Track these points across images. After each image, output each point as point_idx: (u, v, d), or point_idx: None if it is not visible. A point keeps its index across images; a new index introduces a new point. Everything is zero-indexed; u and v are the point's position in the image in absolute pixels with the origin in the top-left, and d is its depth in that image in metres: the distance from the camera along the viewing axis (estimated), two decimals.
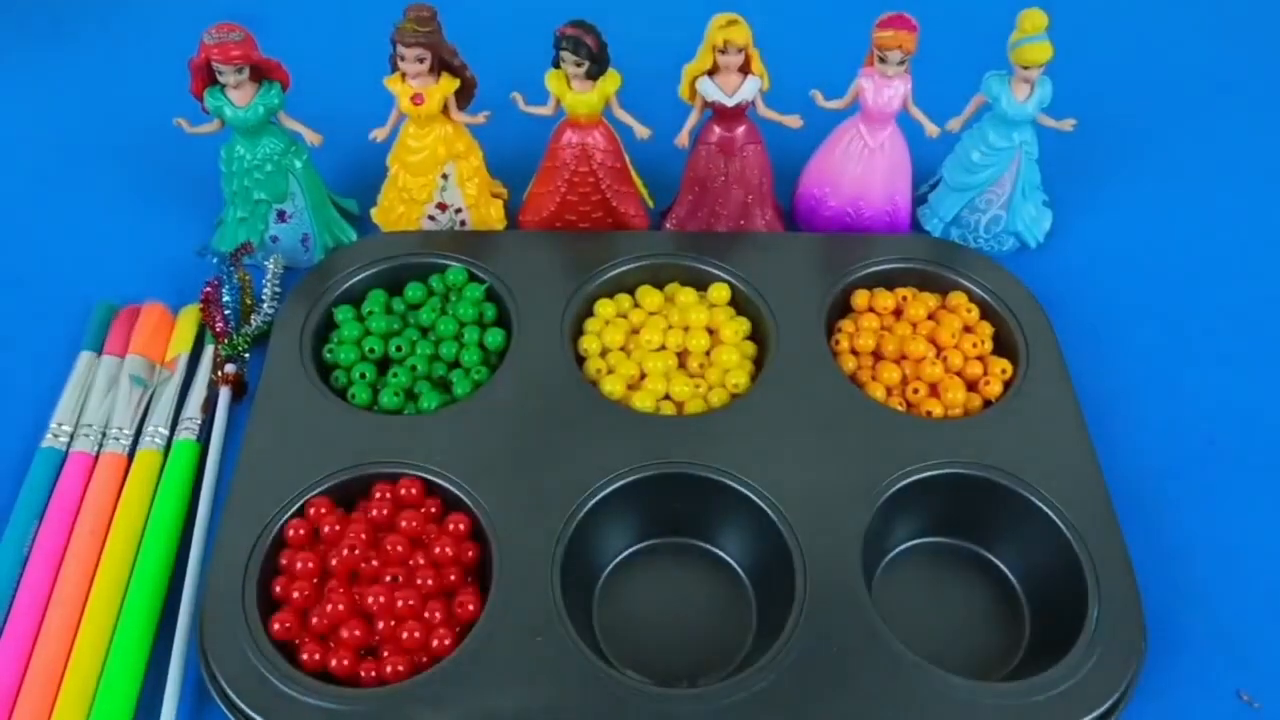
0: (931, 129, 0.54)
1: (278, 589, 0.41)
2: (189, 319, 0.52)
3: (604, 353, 0.50)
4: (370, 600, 0.40)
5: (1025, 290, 0.52)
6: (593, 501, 0.43)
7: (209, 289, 0.52)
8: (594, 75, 0.50)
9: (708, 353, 0.50)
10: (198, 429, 0.48)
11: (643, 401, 0.48)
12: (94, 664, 0.40)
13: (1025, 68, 0.50)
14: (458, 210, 0.55)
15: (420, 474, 0.44)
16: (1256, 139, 0.65)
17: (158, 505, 0.45)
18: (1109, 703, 0.38)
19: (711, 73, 0.51)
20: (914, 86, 0.52)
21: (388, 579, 0.41)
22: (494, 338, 0.50)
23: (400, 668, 0.39)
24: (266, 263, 0.53)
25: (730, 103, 0.51)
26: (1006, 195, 0.55)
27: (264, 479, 0.44)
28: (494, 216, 0.56)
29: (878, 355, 0.51)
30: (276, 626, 0.39)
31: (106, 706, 0.39)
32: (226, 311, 0.51)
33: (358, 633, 0.40)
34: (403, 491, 0.43)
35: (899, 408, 0.48)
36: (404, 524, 0.42)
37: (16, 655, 0.40)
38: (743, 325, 0.51)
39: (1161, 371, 0.52)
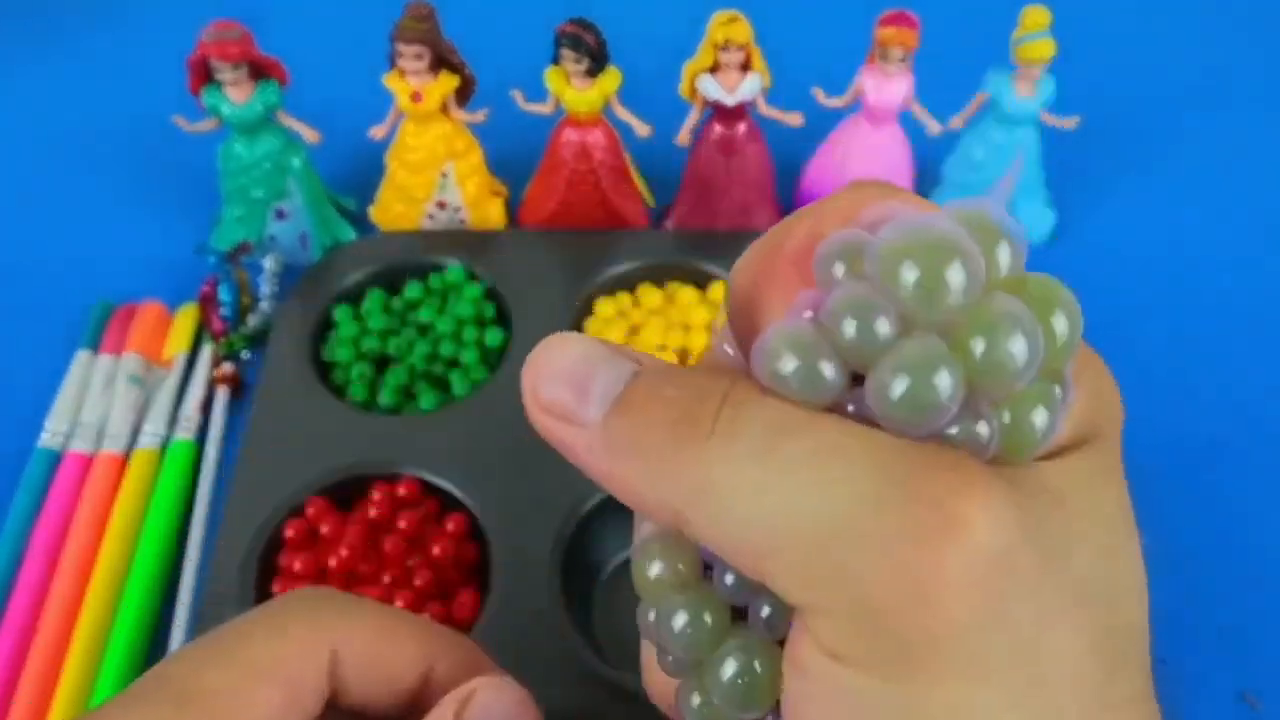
0: (933, 126, 0.53)
1: (275, 589, 0.41)
2: (186, 318, 0.52)
3: None
4: None
5: None
6: (593, 501, 0.42)
7: (206, 288, 0.51)
8: (594, 73, 0.50)
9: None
10: (195, 428, 0.48)
11: None
12: (90, 664, 0.40)
13: (1028, 65, 0.50)
14: (457, 209, 0.55)
15: (418, 473, 0.44)
16: (1262, 138, 0.65)
17: (155, 505, 0.45)
18: None
19: (712, 70, 0.50)
20: (916, 84, 0.52)
21: (386, 579, 0.41)
22: (493, 337, 0.50)
23: None
24: (264, 261, 0.53)
25: (731, 101, 0.51)
26: (1009, 194, 0.54)
27: (262, 478, 0.44)
28: (493, 215, 0.56)
29: None
30: None
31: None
32: (224, 310, 0.51)
33: None
34: (401, 491, 0.43)
35: None
36: (402, 524, 0.42)
37: (12, 655, 0.40)
38: None
39: (1165, 371, 0.52)
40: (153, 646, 0.41)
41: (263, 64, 0.50)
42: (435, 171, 0.53)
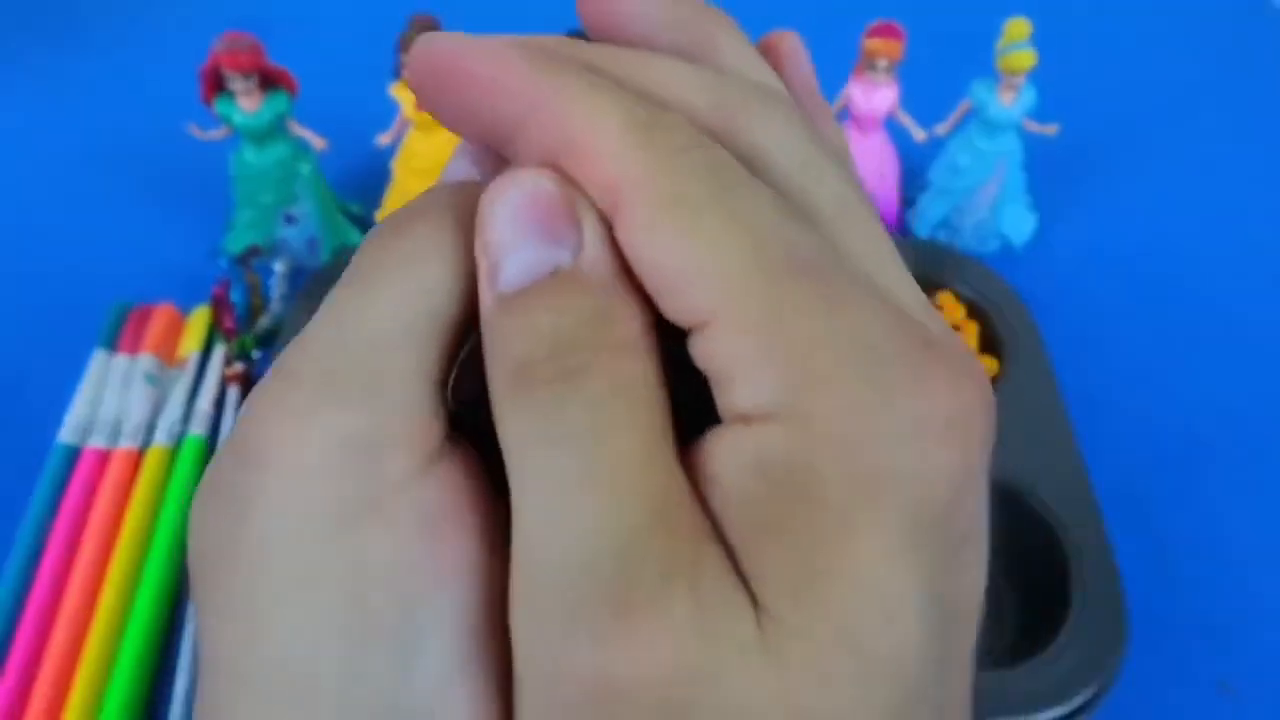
0: (919, 133, 0.55)
1: None
2: (199, 319, 0.54)
3: None
4: None
5: (1011, 291, 0.53)
6: None
7: (218, 290, 0.53)
8: None
9: None
10: (208, 425, 0.49)
11: None
12: (108, 650, 0.41)
13: (1011, 74, 0.52)
14: None
15: None
16: (1237, 143, 0.67)
17: (169, 498, 0.46)
18: (1090, 692, 0.39)
19: None
20: (901, 92, 0.54)
21: None
22: None
23: None
24: (275, 265, 0.55)
25: None
26: (992, 198, 0.56)
27: None
28: None
29: None
30: None
31: (117, 698, 0.40)
32: (236, 312, 0.52)
33: None
34: None
35: None
36: None
37: (33, 640, 0.41)
38: None
39: (1144, 369, 0.53)
40: (168, 633, 0.43)
41: (273, 74, 0.51)
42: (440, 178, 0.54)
